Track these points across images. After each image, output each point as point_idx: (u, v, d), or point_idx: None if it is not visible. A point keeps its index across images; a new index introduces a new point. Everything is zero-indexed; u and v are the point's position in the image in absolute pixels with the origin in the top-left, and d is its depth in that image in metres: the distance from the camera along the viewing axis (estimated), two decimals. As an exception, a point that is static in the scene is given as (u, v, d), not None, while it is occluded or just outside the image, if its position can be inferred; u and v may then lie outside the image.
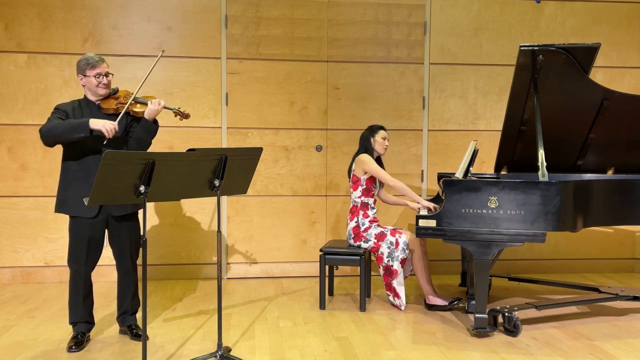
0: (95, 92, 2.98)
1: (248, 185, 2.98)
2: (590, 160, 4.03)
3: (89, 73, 2.94)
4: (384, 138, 3.87)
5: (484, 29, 4.85)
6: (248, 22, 4.61)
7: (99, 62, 2.95)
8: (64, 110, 2.95)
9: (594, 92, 3.59)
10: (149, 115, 2.98)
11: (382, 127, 3.91)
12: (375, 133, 3.87)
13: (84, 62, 2.95)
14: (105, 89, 2.99)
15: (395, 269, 3.68)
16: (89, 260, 3.00)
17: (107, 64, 3.01)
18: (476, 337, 3.20)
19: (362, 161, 3.78)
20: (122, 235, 3.06)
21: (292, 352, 2.97)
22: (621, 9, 4.93)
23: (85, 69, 2.95)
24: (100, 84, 2.95)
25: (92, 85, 2.96)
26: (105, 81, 2.97)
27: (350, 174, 3.89)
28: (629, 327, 3.40)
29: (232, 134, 4.64)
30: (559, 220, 3.06)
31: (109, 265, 3.72)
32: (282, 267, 4.76)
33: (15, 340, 3.15)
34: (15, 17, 4.39)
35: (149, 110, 2.97)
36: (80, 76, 2.98)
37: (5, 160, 4.44)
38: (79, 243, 2.97)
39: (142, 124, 3.00)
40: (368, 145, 3.87)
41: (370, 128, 3.93)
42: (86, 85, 2.98)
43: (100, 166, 2.24)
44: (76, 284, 3.01)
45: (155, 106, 2.97)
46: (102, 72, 2.95)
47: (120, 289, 3.17)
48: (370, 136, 3.87)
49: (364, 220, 3.78)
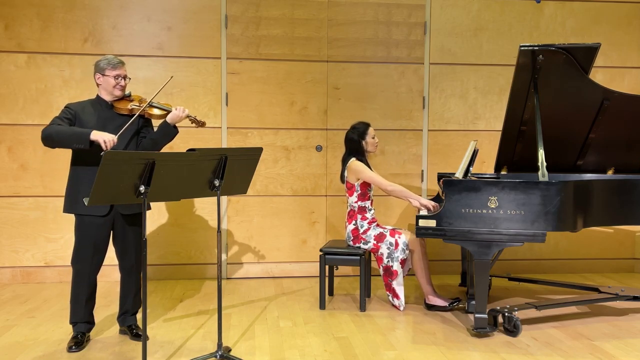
0: (111, 92, 3.04)
1: (248, 185, 2.98)
2: (590, 160, 4.03)
3: (108, 73, 3.00)
4: (373, 137, 3.80)
5: (484, 29, 4.85)
6: (248, 22, 4.61)
7: (120, 64, 3.04)
8: (73, 109, 2.99)
9: (594, 92, 3.59)
10: (172, 119, 3.06)
11: (368, 124, 3.81)
12: (365, 134, 3.77)
13: (105, 62, 3.01)
14: (121, 90, 3.06)
15: (395, 270, 3.67)
16: (94, 261, 3.01)
17: (126, 67, 3.09)
18: (476, 337, 3.20)
19: (356, 170, 3.70)
20: (128, 235, 3.08)
21: (292, 352, 2.97)
22: (621, 9, 4.93)
23: (105, 69, 3.00)
24: (118, 85, 3.03)
25: (109, 85, 3.02)
26: (123, 83, 3.05)
27: (344, 179, 3.84)
28: (629, 327, 3.40)
29: (232, 134, 4.64)
30: (559, 220, 3.06)
31: (110, 265, 3.71)
32: (282, 267, 4.76)
33: (15, 340, 3.15)
34: (15, 17, 4.39)
35: (174, 115, 3.06)
36: (99, 75, 3.03)
37: (5, 160, 4.44)
38: (86, 242, 2.98)
39: (163, 127, 3.06)
40: (359, 149, 3.76)
41: (354, 129, 3.78)
42: (102, 84, 3.04)
43: (101, 166, 2.25)
44: (79, 284, 3.01)
45: (180, 112, 3.06)
46: (122, 74, 3.04)
47: (122, 289, 3.17)
48: (361, 138, 3.76)
49: (362, 222, 3.77)
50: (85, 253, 2.98)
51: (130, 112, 3.05)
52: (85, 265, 2.99)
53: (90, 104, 3.06)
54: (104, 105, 3.06)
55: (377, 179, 3.68)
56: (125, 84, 3.08)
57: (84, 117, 2.98)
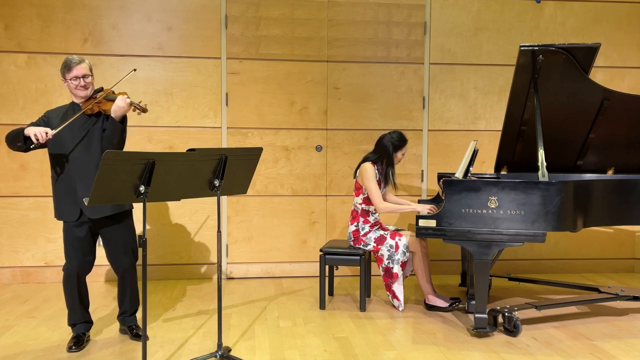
0: (75, 94, 2.96)
1: (248, 185, 2.98)
2: (590, 160, 4.03)
3: (67, 77, 2.91)
4: (403, 154, 3.76)
5: (484, 29, 4.85)
6: (248, 22, 4.61)
7: (75, 64, 2.87)
8: (47, 116, 2.97)
9: (594, 92, 3.59)
10: (114, 112, 2.88)
11: (407, 140, 3.74)
12: (400, 148, 3.70)
13: (63, 66, 2.91)
14: (83, 91, 2.92)
15: (396, 272, 3.67)
16: (80, 263, 2.99)
17: (86, 65, 2.92)
18: (476, 337, 3.20)
19: (365, 174, 3.67)
20: (114, 238, 3.05)
21: (292, 352, 2.97)
22: (621, 9, 4.93)
23: (64, 73, 2.92)
24: (78, 86, 2.91)
25: (71, 88, 2.94)
26: (82, 83, 2.90)
27: (356, 174, 3.83)
28: (629, 327, 3.40)
29: (232, 134, 4.64)
30: (559, 220, 3.06)
31: (106, 265, 3.70)
32: (282, 267, 4.75)
33: (15, 340, 3.15)
34: (15, 17, 4.39)
35: (115, 106, 2.87)
36: (63, 80, 2.95)
37: (5, 160, 4.44)
38: (68, 246, 3.00)
39: (110, 122, 2.90)
40: (388, 157, 3.70)
41: (399, 137, 3.71)
42: (68, 88, 2.96)
43: (100, 166, 2.25)
44: (69, 286, 3.02)
45: (121, 102, 2.87)
46: (79, 74, 2.88)
47: (119, 290, 3.18)
48: (395, 150, 3.70)
49: (364, 225, 3.77)
50: (69, 256, 3.00)
51: (91, 111, 2.92)
52: (71, 267, 3.00)
53: (67, 108, 3.00)
54: (76, 108, 2.97)
55: (374, 195, 3.64)
56: (87, 83, 2.91)
57: (55, 123, 2.91)
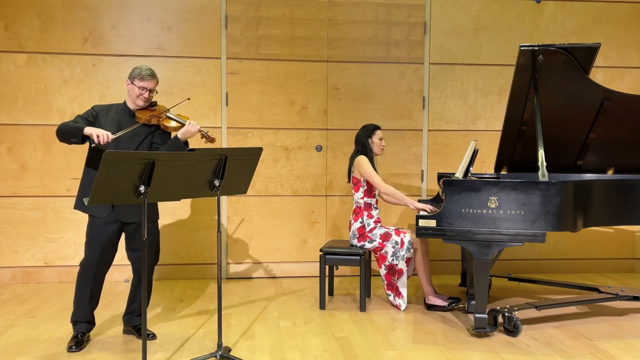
0: (134, 100, 3.07)
1: (248, 185, 2.98)
2: (590, 160, 4.03)
3: (136, 83, 3.03)
4: (380, 139, 3.86)
5: (484, 29, 4.85)
6: (248, 22, 4.61)
7: (149, 77, 3.04)
8: (96, 111, 3.06)
9: (594, 92, 3.59)
10: (183, 135, 3.05)
11: (377, 126, 3.89)
12: (373, 134, 3.85)
13: (137, 72, 3.03)
14: (144, 102, 3.07)
15: (400, 268, 3.68)
16: (100, 261, 3.02)
17: (156, 81, 3.09)
18: (476, 337, 3.20)
19: (359, 164, 3.77)
20: (138, 241, 3.09)
21: (292, 352, 2.97)
22: (621, 9, 4.93)
23: (135, 78, 3.03)
24: (142, 96, 3.04)
25: (133, 94, 3.05)
26: (147, 95, 3.06)
27: (350, 175, 3.88)
28: (629, 327, 3.40)
29: (232, 134, 4.64)
30: (559, 220, 3.06)
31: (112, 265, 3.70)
32: (282, 267, 4.76)
33: (15, 340, 3.15)
34: (15, 17, 4.39)
35: (186, 130, 3.04)
36: (128, 82, 3.06)
37: (5, 160, 4.44)
38: (92, 242, 3.01)
39: (174, 141, 3.05)
40: (366, 147, 3.84)
41: (365, 128, 3.89)
42: (129, 91, 3.07)
43: (101, 166, 2.25)
44: (84, 281, 3.02)
45: (192, 128, 3.05)
46: (148, 87, 3.05)
47: (132, 290, 3.21)
48: (368, 137, 3.85)
49: (369, 220, 3.78)
50: (91, 252, 3.01)
51: (148, 122, 3.06)
52: (91, 264, 3.00)
53: (116, 108, 3.10)
54: (127, 112, 3.09)
55: (375, 178, 3.72)
56: (150, 97, 3.08)
57: (103, 120, 3.03)
